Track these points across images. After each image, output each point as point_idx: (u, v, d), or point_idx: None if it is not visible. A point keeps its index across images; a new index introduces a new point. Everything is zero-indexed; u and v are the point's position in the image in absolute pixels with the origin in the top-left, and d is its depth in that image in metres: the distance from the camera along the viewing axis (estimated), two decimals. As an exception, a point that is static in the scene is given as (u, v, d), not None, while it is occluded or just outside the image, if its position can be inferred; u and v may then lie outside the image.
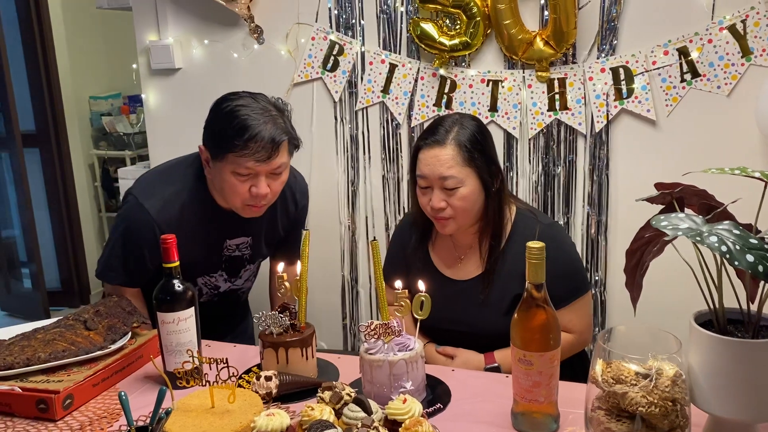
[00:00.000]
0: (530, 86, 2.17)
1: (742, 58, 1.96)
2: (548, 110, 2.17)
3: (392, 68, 2.31)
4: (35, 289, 4.06)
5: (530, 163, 2.24)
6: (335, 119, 2.43)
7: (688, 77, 2.02)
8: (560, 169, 2.21)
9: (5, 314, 4.26)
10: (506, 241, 1.69)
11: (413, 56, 2.29)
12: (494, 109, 2.22)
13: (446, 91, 2.26)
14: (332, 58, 2.37)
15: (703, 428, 1.12)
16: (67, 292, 4.32)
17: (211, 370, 1.38)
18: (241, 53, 2.49)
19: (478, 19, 2.11)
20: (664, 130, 2.08)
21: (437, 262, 1.77)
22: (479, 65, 2.22)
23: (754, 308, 1.06)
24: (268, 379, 1.38)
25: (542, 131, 2.20)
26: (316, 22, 2.37)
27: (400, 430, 1.13)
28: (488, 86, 2.21)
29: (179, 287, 1.44)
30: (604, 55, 2.09)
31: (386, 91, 2.34)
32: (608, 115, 2.11)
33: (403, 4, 2.25)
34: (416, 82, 2.29)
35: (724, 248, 0.93)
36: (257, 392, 1.36)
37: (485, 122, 2.06)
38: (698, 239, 0.96)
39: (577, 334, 1.68)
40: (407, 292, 1.39)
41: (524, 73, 2.17)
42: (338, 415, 1.20)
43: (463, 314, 1.70)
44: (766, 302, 1.04)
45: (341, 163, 2.46)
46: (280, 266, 1.55)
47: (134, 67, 2.70)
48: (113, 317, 1.58)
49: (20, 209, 4.02)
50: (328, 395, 1.23)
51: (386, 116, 2.36)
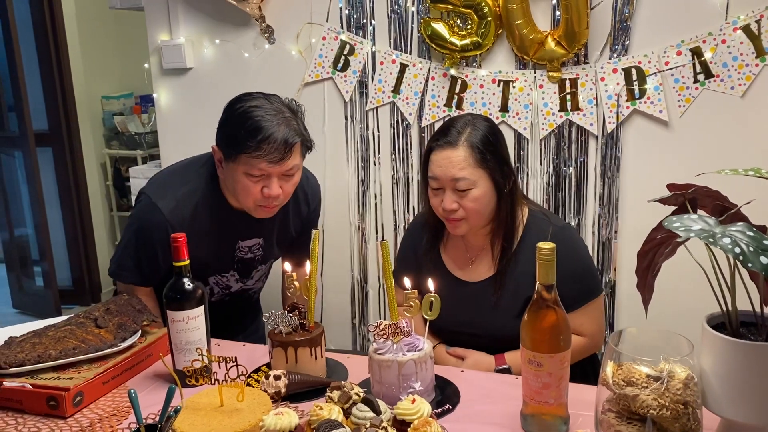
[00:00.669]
0: (541, 87, 2.16)
1: (756, 58, 1.94)
2: (559, 111, 2.16)
3: (403, 68, 2.31)
4: (47, 287, 4.10)
5: (541, 164, 2.23)
6: (346, 119, 2.43)
7: (701, 78, 2.01)
8: (571, 170, 2.20)
9: (17, 312, 4.30)
10: (518, 242, 1.67)
11: (424, 56, 2.28)
12: (505, 109, 2.21)
13: (457, 91, 2.25)
14: (343, 57, 2.37)
15: (714, 432, 1.11)
16: (78, 290, 4.35)
17: (220, 368, 1.38)
18: (252, 53, 2.50)
19: (489, 19, 2.10)
20: (676, 131, 2.07)
21: (449, 263, 1.76)
22: (490, 65, 2.21)
23: (767, 311, 1.05)
24: (277, 378, 1.38)
25: (553, 132, 2.19)
26: (327, 21, 2.37)
27: (408, 430, 1.13)
28: (499, 86, 2.20)
29: (189, 286, 1.44)
30: (616, 55, 2.07)
31: (397, 91, 2.33)
32: (620, 115, 2.10)
33: (414, 3, 2.25)
34: (427, 82, 2.29)
35: (737, 250, 0.92)
36: (266, 391, 1.36)
37: (496, 123, 2.06)
38: (711, 241, 0.95)
39: (588, 337, 1.67)
40: (417, 292, 1.38)
41: (535, 73, 2.16)
42: (347, 414, 1.20)
43: (474, 316, 1.69)
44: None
45: (351, 163, 2.46)
46: (288, 265, 1.55)
47: (146, 66, 2.72)
48: (123, 315, 1.59)
49: (33, 208, 4.06)
50: (336, 395, 1.23)
51: (397, 116, 2.36)
